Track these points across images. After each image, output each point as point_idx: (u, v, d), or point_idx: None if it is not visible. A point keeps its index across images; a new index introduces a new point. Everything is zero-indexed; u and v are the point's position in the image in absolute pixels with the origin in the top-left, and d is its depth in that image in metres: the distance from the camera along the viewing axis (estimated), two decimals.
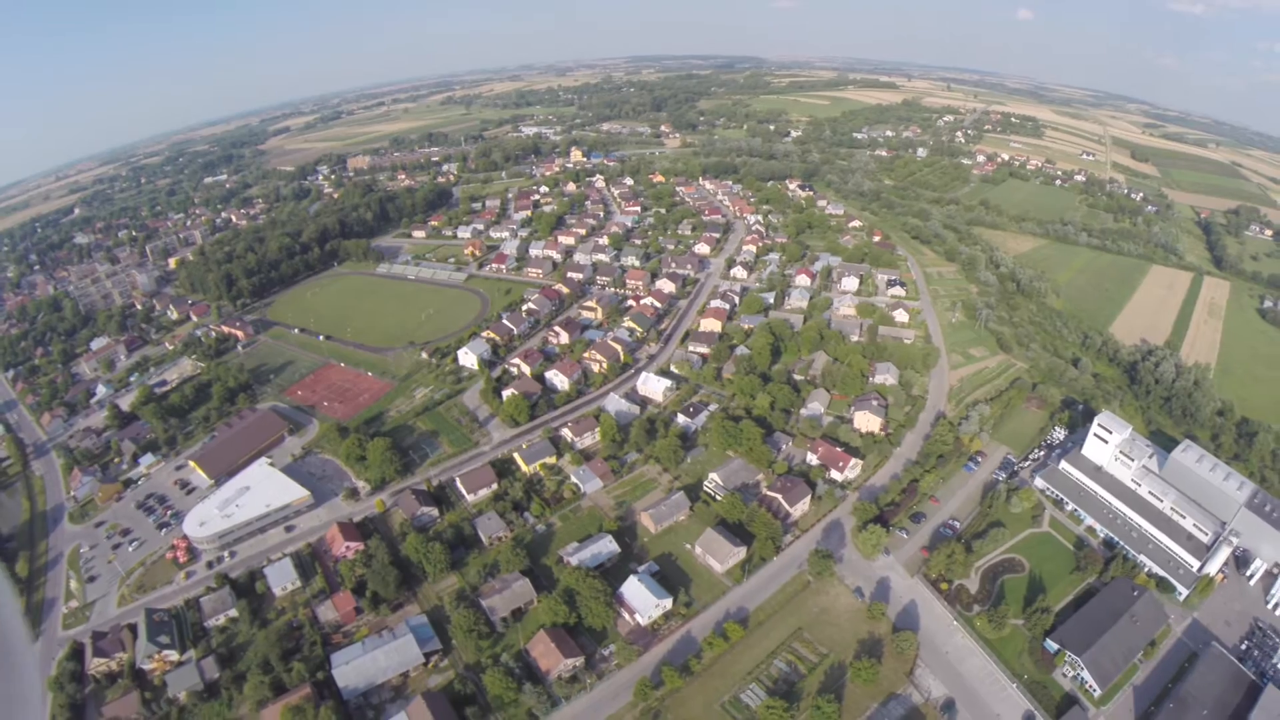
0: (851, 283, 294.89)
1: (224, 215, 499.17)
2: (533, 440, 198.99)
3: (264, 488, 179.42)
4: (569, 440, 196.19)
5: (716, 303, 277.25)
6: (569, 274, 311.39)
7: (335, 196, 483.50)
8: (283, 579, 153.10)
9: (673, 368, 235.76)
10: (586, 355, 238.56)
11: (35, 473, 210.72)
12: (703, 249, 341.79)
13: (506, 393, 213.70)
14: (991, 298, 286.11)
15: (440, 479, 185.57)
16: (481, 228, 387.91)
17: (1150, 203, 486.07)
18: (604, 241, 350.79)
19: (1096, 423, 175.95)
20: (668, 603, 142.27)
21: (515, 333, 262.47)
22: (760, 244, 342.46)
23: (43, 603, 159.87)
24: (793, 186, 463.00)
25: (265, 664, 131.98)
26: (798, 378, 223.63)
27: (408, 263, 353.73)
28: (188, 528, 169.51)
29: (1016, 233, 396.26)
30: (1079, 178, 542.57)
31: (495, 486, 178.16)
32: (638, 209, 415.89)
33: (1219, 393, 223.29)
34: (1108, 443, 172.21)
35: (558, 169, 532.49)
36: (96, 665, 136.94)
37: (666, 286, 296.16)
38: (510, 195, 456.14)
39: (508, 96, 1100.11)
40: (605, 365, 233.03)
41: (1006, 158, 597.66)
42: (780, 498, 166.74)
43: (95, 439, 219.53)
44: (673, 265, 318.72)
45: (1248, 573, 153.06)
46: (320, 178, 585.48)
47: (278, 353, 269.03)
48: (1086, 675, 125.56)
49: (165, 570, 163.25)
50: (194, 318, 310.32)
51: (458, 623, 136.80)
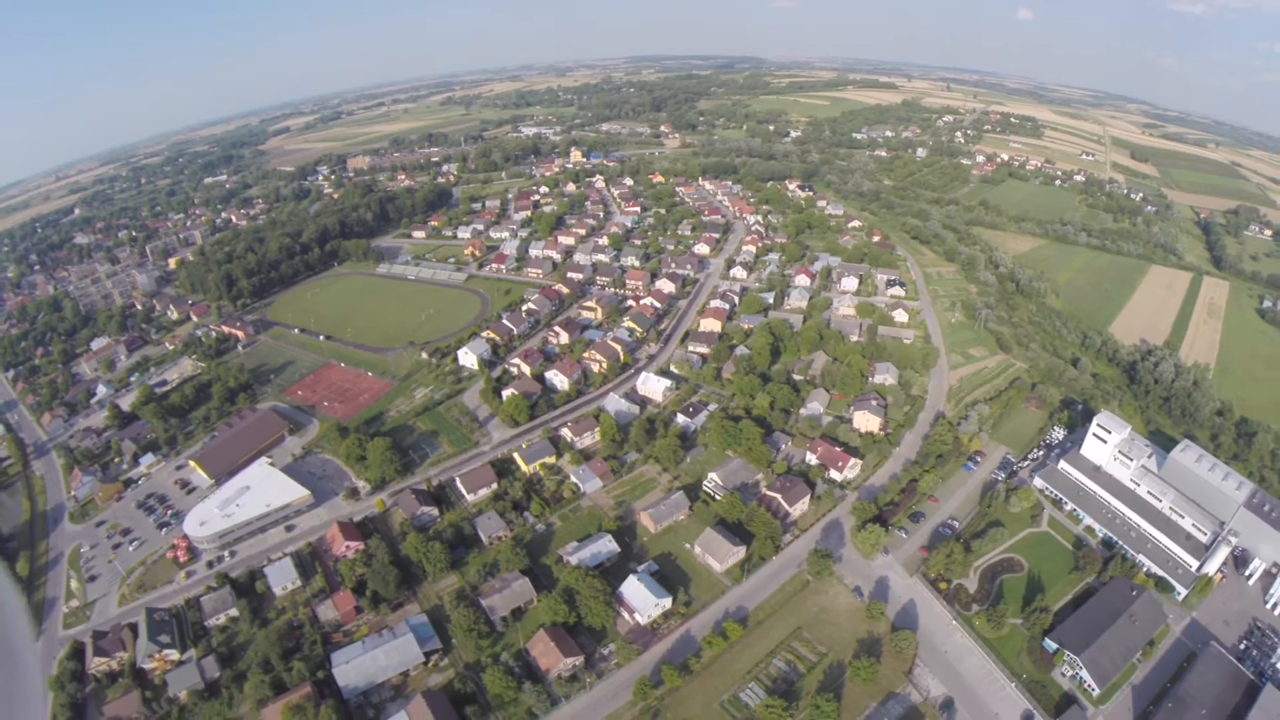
0: (851, 283, 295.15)
1: (224, 215, 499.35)
2: (532, 440, 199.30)
3: (264, 487, 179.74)
4: (569, 440, 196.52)
5: (716, 303, 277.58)
6: (569, 274, 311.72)
7: (335, 197, 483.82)
8: (283, 578, 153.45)
9: (672, 368, 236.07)
10: (586, 355, 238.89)
11: (36, 472, 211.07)
12: (702, 249, 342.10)
13: (506, 393, 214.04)
14: (991, 298, 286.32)
15: (440, 479, 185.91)
16: (481, 228, 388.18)
17: (1150, 203, 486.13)
18: (604, 242, 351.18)
19: (1095, 423, 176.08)
20: (667, 602, 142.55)
21: (515, 333, 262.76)
22: (760, 244, 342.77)
23: (43, 602, 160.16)
24: (792, 187, 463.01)
25: (266, 663, 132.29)
26: (797, 378, 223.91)
27: (408, 263, 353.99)
28: (188, 527, 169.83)
29: (1016, 233, 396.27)
30: (1078, 178, 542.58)
31: (495, 486, 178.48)
32: (637, 209, 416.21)
33: (1218, 393, 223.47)
34: (1107, 443, 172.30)
35: (557, 169, 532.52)
36: (97, 664, 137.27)
37: (666, 286, 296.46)
38: (510, 195, 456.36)
39: (508, 97, 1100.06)
40: (605, 365, 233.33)
41: (1006, 158, 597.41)
42: (779, 497, 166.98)
43: (96, 439, 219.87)
44: (672, 265, 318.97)
45: (1246, 572, 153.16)
46: (320, 178, 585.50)
47: (278, 353, 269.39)
48: (1085, 675, 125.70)
49: (166, 570, 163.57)
50: (194, 318, 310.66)
51: (458, 622, 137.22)
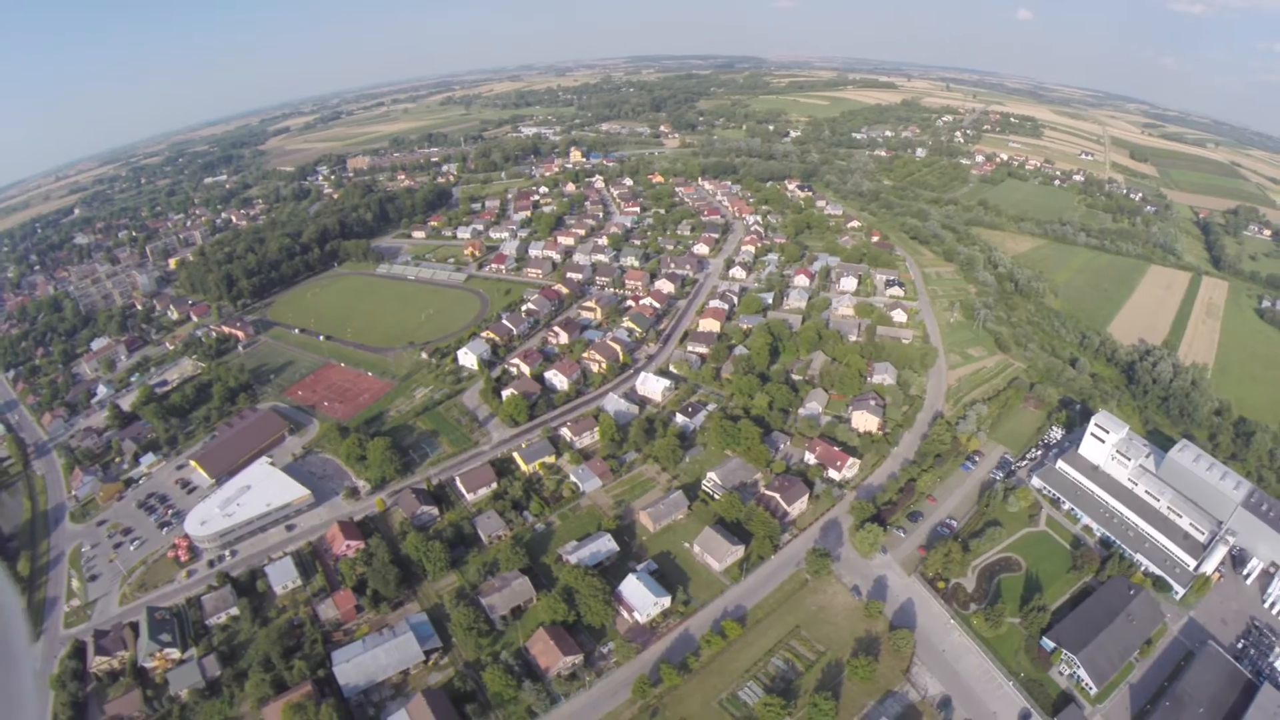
0: (850, 283, 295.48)
1: (224, 216, 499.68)
2: (532, 440, 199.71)
3: (265, 487, 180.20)
4: (568, 440, 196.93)
5: (715, 303, 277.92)
6: (568, 274, 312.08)
7: (335, 197, 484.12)
8: (284, 577, 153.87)
9: (671, 368, 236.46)
10: (586, 355, 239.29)
11: (36, 472, 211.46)
12: (701, 249, 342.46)
13: (506, 393, 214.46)
14: (990, 298, 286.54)
15: (440, 478, 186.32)
16: (481, 228, 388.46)
17: (1149, 203, 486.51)
18: (603, 242, 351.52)
19: (1094, 422, 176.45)
20: (666, 601, 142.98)
21: (515, 333, 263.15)
22: (759, 244, 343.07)
23: (44, 602, 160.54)
24: (791, 187, 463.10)
25: (266, 662, 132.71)
26: (796, 377, 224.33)
27: (407, 263, 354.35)
28: (189, 527, 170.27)
29: (1015, 233, 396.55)
30: (1078, 178, 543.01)
31: (495, 486, 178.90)
32: (637, 209, 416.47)
33: (1217, 392, 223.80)
34: (1105, 442, 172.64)
35: (557, 169, 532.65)
36: (98, 663, 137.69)
37: (665, 287, 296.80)
38: (510, 196, 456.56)
39: (507, 97, 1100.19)
40: (604, 365, 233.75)
41: (1005, 158, 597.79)
42: (778, 497, 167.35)
43: (96, 439, 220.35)
44: (672, 265, 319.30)
45: (1244, 572, 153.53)
46: (320, 178, 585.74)
47: (278, 353, 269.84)
48: (1083, 673, 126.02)
49: (166, 569, 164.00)
50: (194, 318, 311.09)
51: (458, 621, 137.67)
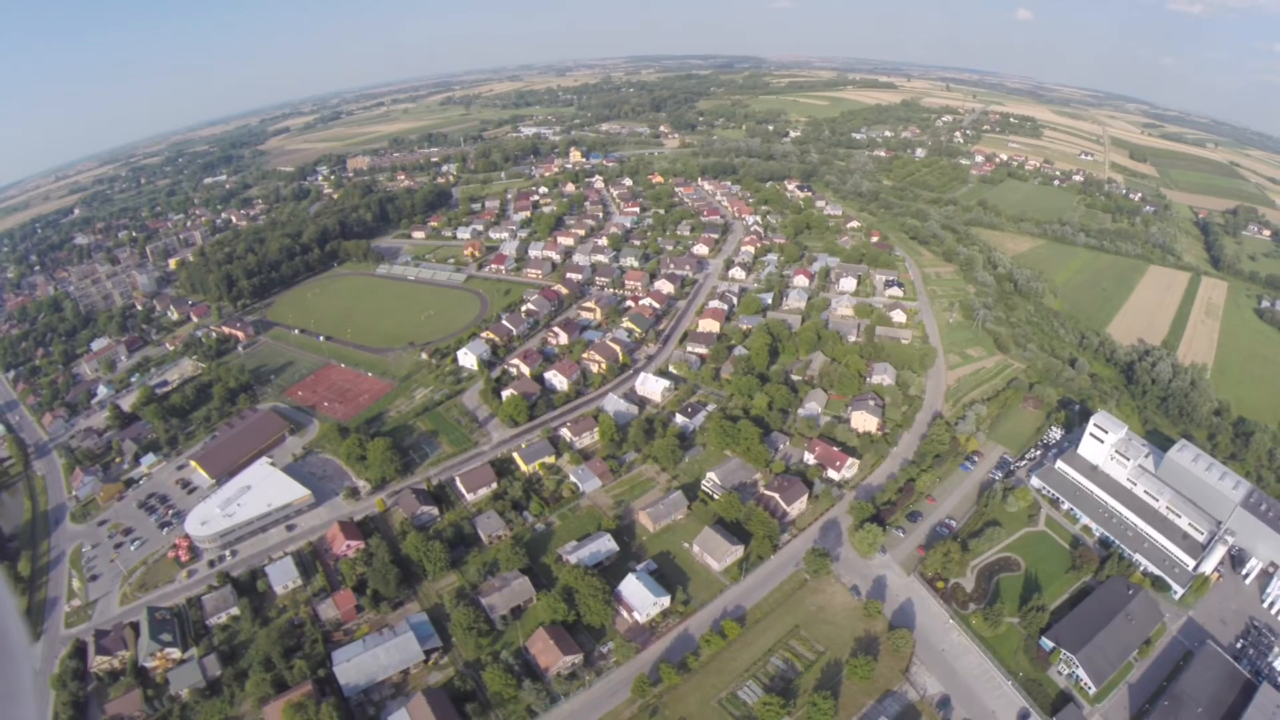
0: (849, 283, 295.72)
1: (224, 216, 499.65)
2: (532, 440, 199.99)
3: (265, 487, 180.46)
4: (568, 440, 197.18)
5: (715, 303, 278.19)
6: (568, 275, 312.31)
7: (335, 197, 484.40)
8: (284, 577, 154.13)
9: (671, 368, 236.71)
10: (585, 356, 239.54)
11: (37, 472, 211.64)
12: (701, 250, 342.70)
13: (506, 393, 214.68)
14: (989, 298, 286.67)
15: (440, 478, 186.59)
16: (481, 228, 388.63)
17: (1148, 203, 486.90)
18: (603, 242, 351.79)
19: (1092, 422, 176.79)
20: (666, 601, 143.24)
21: (514, 333, 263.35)
22: (758, 245, 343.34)
23: (45, 601, 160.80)
24: (791, 187, 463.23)
25: (267, 661, 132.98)
26: (795, 378, 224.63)
27: (407, 263, 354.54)
28: (189, 527, 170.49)
29: (1014, 233, 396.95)
30: (1077, 178, 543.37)
31: (495, 486, 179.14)
32: (636, 210, 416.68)
33: (1216, 392, 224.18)
34: (1104, 442, 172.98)
35: (557, 170, 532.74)
36: (99, 663, 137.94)
37: (665, 287, 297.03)
38: (509, 196, 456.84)
39: (507, 97, 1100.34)
40: (604, 366, 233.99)
41: (1005, 158, 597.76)
42: (777, 497, 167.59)
43: (96, 439, 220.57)
44: (671, 266, 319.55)
45: (1243, 572, 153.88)
46: (320, 178, 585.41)
47: (278, 353, 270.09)
48: (1081, 673, 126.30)
49: (167, 569, 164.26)
50: (194, 318, 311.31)
51: (458, 620, 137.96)
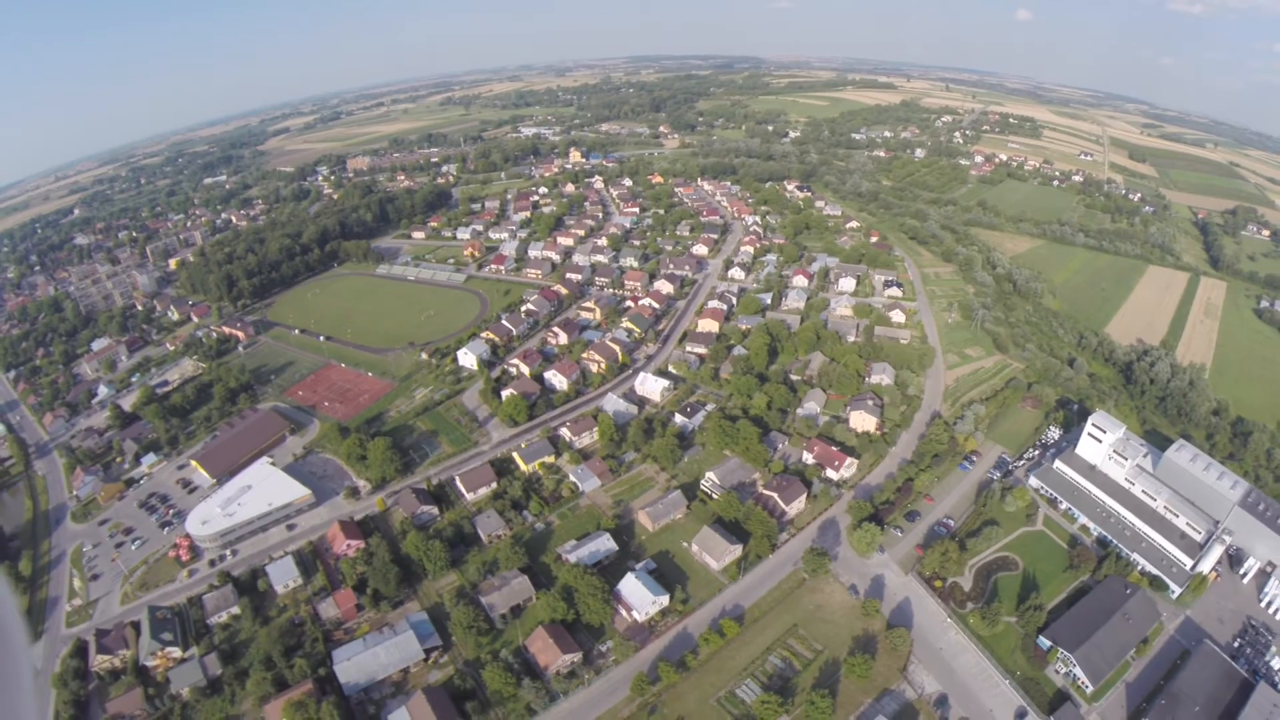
0: (848, 283, 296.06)
1: (224, 216, 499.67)
2: (531, 440, 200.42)
3: (265, 487, 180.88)
4: (567, 440, 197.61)
5: (714, 303, 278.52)
6: (568, 275, 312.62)
7: (335, 197, 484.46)
8: (284, 577, 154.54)
9: (670, 368, 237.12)
10: (585, 356, 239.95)
11: (38, 472, 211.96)
12: (701, 250, 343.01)
13: (505, 393, 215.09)
14: (988, 298, 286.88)
15: (440, 478, 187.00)
16: (481, 229, 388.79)
17: (1147, 203, 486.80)
18: (602, 242, 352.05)
19: (1091, 422, 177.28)
20: (664, 600, 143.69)
21: (514, 333, 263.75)
22: (758, 245, 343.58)
23: (46, 601, 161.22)
24: (791, 187, 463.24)
25: (267, 660, 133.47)
26: (794, 378, 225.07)
27: (407, 264, 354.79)
28: (190, 526, 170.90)
29: (1014, 233, 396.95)
30: (1076, 178, 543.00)
31: (494, 485, 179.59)
32: (636, 210, 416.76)
33: (1214, 392, 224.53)
34: (1102, 442, 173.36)
35: (556, 170, 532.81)
36: (100, 662, 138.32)
37: (664, 287, 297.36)
38: (509, 196, 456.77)
39: (507, 97, 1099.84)
40: (603, 365, 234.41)
41: (1004, 158, 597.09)
42: (776, 496, 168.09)
43: (97, 439, 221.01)
44: (671, 266, 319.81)
45: (1241, 571, 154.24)
46: (320, 178, 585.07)
47: (278, 353, 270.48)
48: (1079, 672, 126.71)
49: (168, 568, 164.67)
50: (195, 318, 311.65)
51: (457, 619, 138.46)
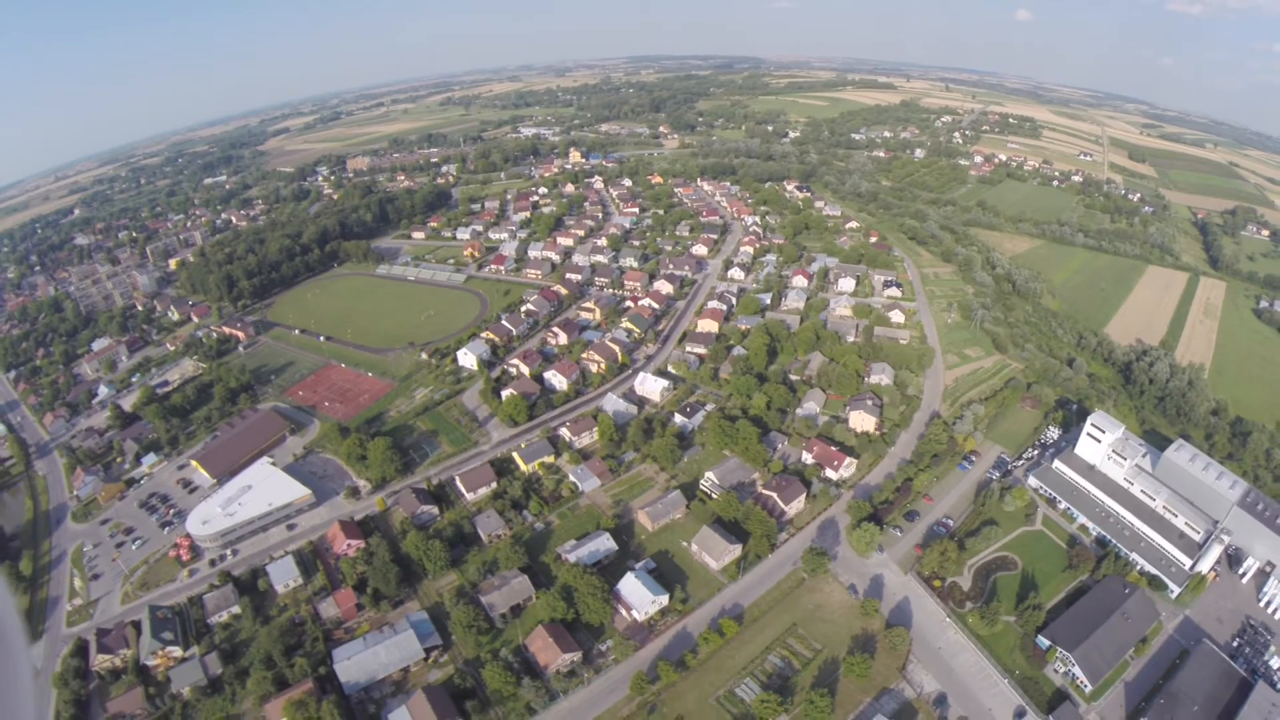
0: (848, 284, 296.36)
1: (224, 216, 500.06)
2: (531, 440, 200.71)
3: (266, 487, 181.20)
4: (567, 440, 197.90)
5: (714, 304, 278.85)
6: (567, 275, 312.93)
7: (335, 197, 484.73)
8: (285, 576, 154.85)
9: (670, 368, 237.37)
10: (585, 356, 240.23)
11: (38, 472, 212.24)
12: (700, 250, 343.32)
13: (505, 393, 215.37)
14: (987, 298, 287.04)
15: (440, 478, 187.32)
16: (480, 229, 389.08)
17: (1147, 203, 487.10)
18: (602, 243, 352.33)
19: (1089, 422, 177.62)
20: (664, 599, 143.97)
21: (514, 333, 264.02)
22: (757, 245, 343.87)
23: (46, 600, 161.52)
24: (790, 187, 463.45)
25: (268, 659, 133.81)
26: (794, 378, 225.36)
27: (407, 264, 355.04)
28: (190, 526, 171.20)
29: (1013, 233, 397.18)
30: (1076, 178, 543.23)
31: (494, 485, 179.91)
32: (636, 210, 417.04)
33: (1213, 392, 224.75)
34: (1101, 442, 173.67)
35: (556, 170, 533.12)
36: (101, 661, 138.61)
37: (664, 287, 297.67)
38: (509, 196, 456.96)
39: (507, 97, 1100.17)
40: (603, 366, 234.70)
41: (1004, 158, 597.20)
42: (775, 496, 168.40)
43: (98, 439, 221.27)
44: (670, 266, 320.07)
45: (1240, 571, 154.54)
46: (320, 179, 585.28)
47: (278, 353, 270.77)
48: (1078, 671, 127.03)
49: (168, 568, 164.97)
50: (195, 319, 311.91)
51: (457, 619, 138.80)
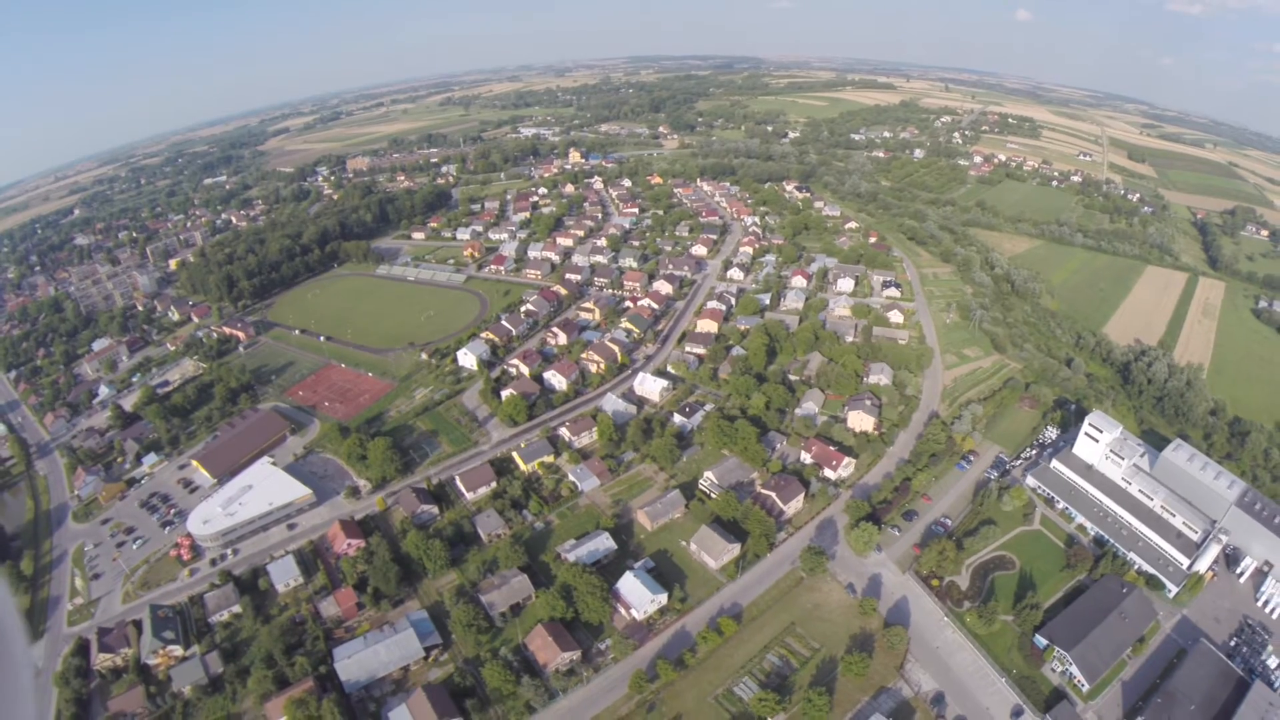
0: (847, 284, 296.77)
1: (224, 216, 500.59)
2: (531, 439, 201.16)
3: (266, 486, 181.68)
4: (567, 439, 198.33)
5: (713, 304, 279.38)
6: (567, 275, 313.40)
7: (335, 198, 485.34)
8: (285, 575, 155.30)
9: (669, 368, 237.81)
10: (584, 356, 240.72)
11: (39, 472, 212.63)
12: (700, 250, 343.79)
13: (505, 393, 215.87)
14: (986, 298, 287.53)
15: (440, 477, 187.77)
16: (480, 229, 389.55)
17: (1146, 203, 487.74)
18: (602, 243, 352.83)
19: (1088, 422, 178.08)
20: (663, 598, 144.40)
21: (514, 334, 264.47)
22: (757, 245, 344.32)
23: (47, 600, 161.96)
24: (790, 188, 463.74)
25: (268, 658, 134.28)
26: (793, 378, 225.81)
27: (407, 264, 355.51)
28: (191, 526, 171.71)
29: (1012, 234, 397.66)
30: (1075, 178, 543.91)
31: (494, 485, 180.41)
32: (636, 210, 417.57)
33: (1212, 392, 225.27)
34: (1099, 442, 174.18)
35: (556, 170, 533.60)
36: (102, 660, 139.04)
37: (664, 288, 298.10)
38: (509, 197, 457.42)
39: (506, 97, 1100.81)
40: (603, 366, 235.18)
41: (1003, 159, 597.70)
42: (774, 496, 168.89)
43: (98, 439, 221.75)
44: (670, 267, 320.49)
45: (1237, 570, 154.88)
46: (320, 179, 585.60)
47: (279, 353, 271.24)
48: (1075, 670, 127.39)
49: (169, 567, 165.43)
50: (195, 319, 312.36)
51: (457, 618, 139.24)
